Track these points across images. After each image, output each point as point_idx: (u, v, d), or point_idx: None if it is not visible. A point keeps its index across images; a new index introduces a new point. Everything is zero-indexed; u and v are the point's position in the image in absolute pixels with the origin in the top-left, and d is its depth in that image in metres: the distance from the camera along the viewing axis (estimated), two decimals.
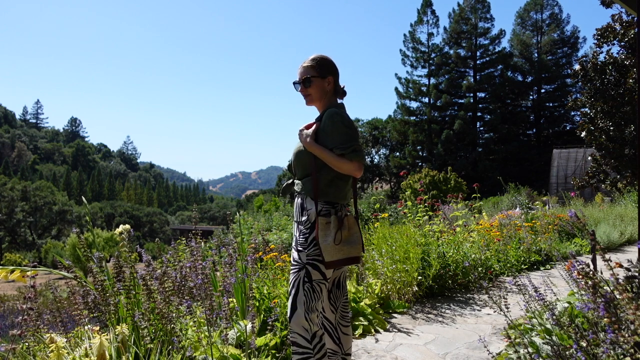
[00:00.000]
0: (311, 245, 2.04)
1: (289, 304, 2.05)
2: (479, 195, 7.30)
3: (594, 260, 3.77)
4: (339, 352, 2.22)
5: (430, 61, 41.85)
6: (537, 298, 2.25)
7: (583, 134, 14.03)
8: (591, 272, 1.62)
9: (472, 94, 41.47)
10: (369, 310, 3.74)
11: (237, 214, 4.62)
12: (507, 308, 2.24)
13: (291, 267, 2.09)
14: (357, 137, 2.08)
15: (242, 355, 2.58)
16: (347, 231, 2.06)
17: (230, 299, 3.23)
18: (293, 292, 2.03)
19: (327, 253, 1.99)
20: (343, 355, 2.23)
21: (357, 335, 3.46)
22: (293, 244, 2.14)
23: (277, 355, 2.80)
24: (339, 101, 2.22)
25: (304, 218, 2.09)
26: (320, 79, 2.15)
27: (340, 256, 2.01)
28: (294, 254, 2.10)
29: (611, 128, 13.25)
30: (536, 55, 41.31)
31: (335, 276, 2.23)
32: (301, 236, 2.08)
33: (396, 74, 42.72)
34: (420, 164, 39.87)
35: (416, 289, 4.54)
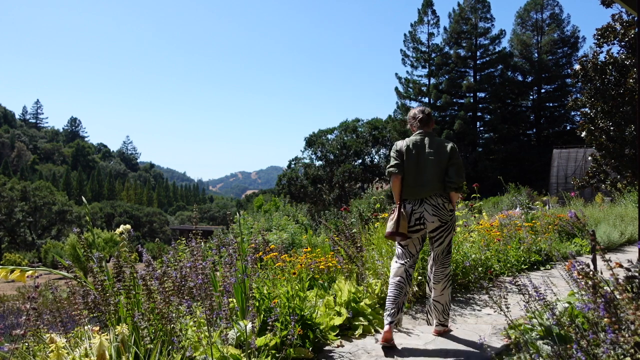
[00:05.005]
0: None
1: None
2: (479, 195, 7.29)
3: (594, 261, 3.77)
4: (430, 296, 3.47)
5: (431, 61, 41.81)
6: (537, 298, 2.25)
7: (583, 134, 14.03)
8: (591, 272, 1.62)
9: (472, 94, 41.44)
10: (369, 310, 3.73)
11: (237, 214, 4.62)
12: (507, 308, 2.24)
13: None
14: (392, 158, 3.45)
15: (242, 355, 2.58)
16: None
17: (230, 299, 3.23)
18: None
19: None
20: (433, 299, 3.43)
21: (357, 336, 3.46)
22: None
23: (277, 355, 2.80)
24: (415, 132, 3.51)
25: None
26: None
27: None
28: None
29: (611, 128, 13.25)
30: (536, 55, 41.27)
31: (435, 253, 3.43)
32: None
33: (396, 74, 42.67)
34: None
35: (416, 289, 4.54)
